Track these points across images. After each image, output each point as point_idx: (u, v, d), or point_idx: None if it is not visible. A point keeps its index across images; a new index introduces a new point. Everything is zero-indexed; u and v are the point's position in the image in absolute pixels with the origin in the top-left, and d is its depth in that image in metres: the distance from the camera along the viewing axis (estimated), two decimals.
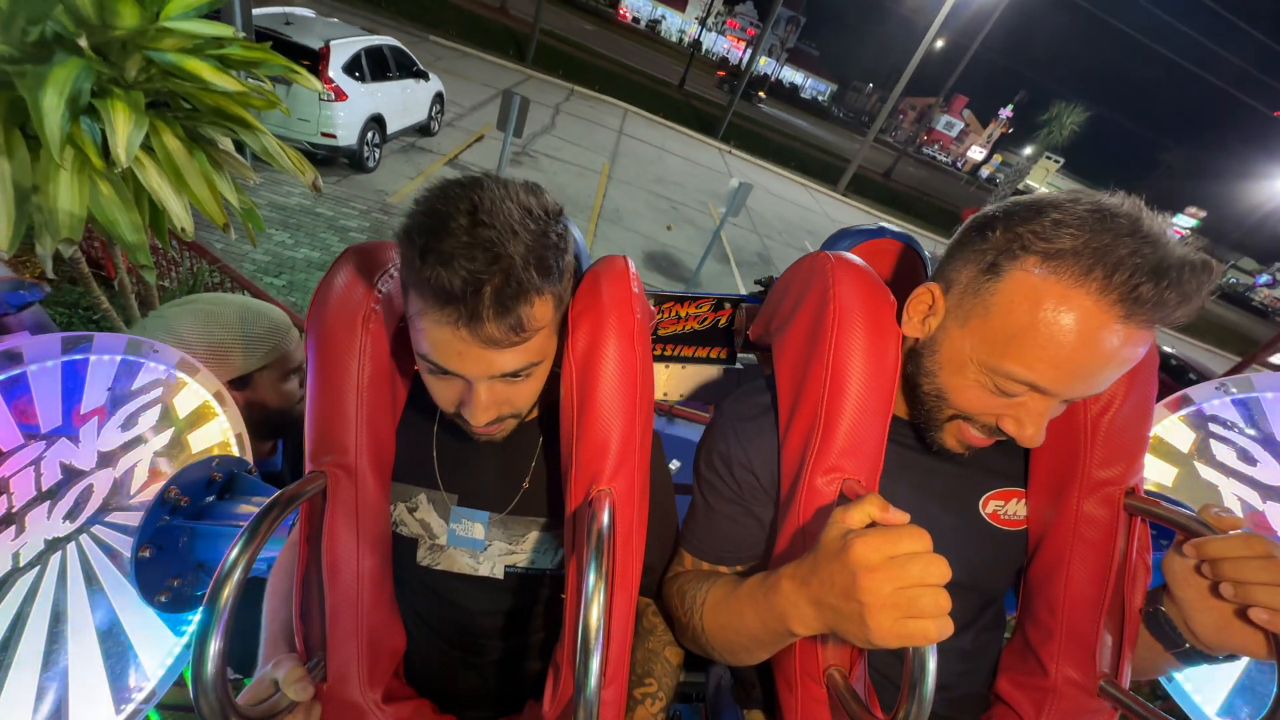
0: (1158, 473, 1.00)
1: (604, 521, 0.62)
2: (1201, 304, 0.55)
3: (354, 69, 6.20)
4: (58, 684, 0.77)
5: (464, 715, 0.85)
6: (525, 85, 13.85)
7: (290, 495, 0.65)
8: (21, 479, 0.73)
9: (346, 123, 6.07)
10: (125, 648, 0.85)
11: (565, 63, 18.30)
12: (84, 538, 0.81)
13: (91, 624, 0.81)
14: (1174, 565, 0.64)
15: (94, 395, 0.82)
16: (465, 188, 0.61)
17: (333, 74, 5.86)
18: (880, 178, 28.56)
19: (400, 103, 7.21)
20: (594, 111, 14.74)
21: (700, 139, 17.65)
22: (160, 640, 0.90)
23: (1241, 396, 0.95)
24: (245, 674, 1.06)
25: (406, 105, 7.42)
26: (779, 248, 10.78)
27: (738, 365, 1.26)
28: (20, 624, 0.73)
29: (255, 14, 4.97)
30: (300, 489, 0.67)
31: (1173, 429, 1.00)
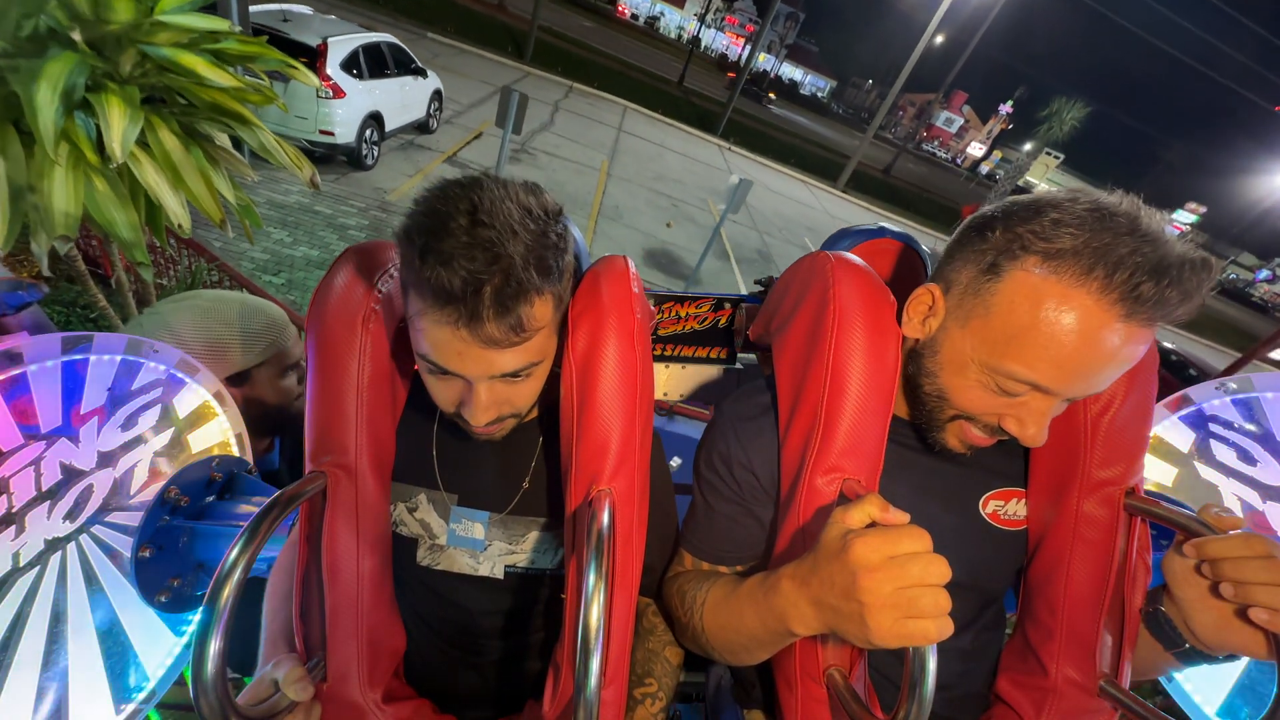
0: (1158, 473, 1.00)
1: (604, 521, 0.62)
2: (1202, 302, 0.55)
3: (352, 66, 6.17)
4: (58, 684, 0.77)
5: (464, 715, 0.85)
6: (524, 82, 13.79)
7: (290, 495, 0.65)
8: (21, 479, 0.73)
9: (345, 120, 6.05)
10: (125, 648, 0.85)
11: (564, 60, 18.26)
12: (84, 538, 0.81)
13: (91, 624, 0.81)
14: (1174, 565, 0.64)
15: (94, 395, 0.82)
16: (465, 188, 0.60)
17: (330, 71, 5.83)
18: (880, 174, 28.57)
19: (398, 100, 7.18)
20: (593, 108, 14.71)
21: (700, 135, 17.62)
22: (160, 640, 0.90)
23: (1241, 396, 0.95)
24: (245, 674, 1.06)
25: (405, 102, 7.39)
26: (779, 244, 10.77)
27: (738, 365, 1.25)
28: (20, 624, 0.74)
29: (252, 10, 4.94)
30: (300, 489, 0.67)
31: (1173, 429, 1.00)
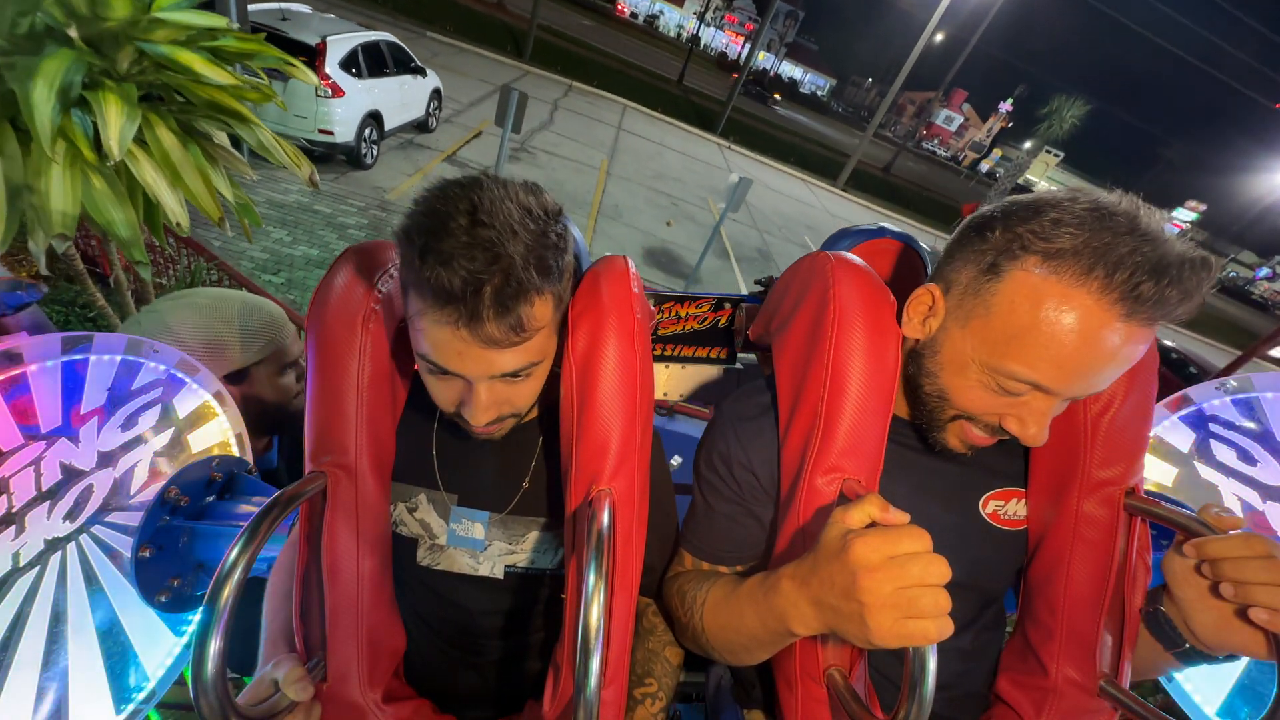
0: (1158, 473, 1.01)
1: (604, 521, 0.62)
2: (1202, 301, 0.55)
3: (351, 65, 6.16)
4: (58, 684, 0.77)
5: (464, 715, 0.85)
6: (523, 81, 13.76)
7: (290, 495, 0.65)
8: (21, 479, 0.73)
9: (344, 119, 6.04)
10: (125, 648, 0.85)
11: (563, 58, 18.24)
12: (84, 538, 0.81)
13: (91, 624, 0.82)
14: (1174, 565, 0.64)
15: (94, 395, 0.82)
16: (465, 188, 0.60)
17: (329, 70, 5.82)
18: (880, 173, 28.56)
19: (398, 99, 7.17)
20: (592, 107, 14.69)
21: (699, 134, 17.61)
22: (160, 640, 0.90)
23: (1241, 396, 0.95)
24: (245, 674, 1.06)
25: (404, 101, 7.38)
26: (779, 243, 10.77)
27: (738, 365, 1.25)
28: (20, 624, 0.74)
29: (251, 9, 4.93)
30: (300, 489, 0.67)
31: (1173, 429, 1.00)
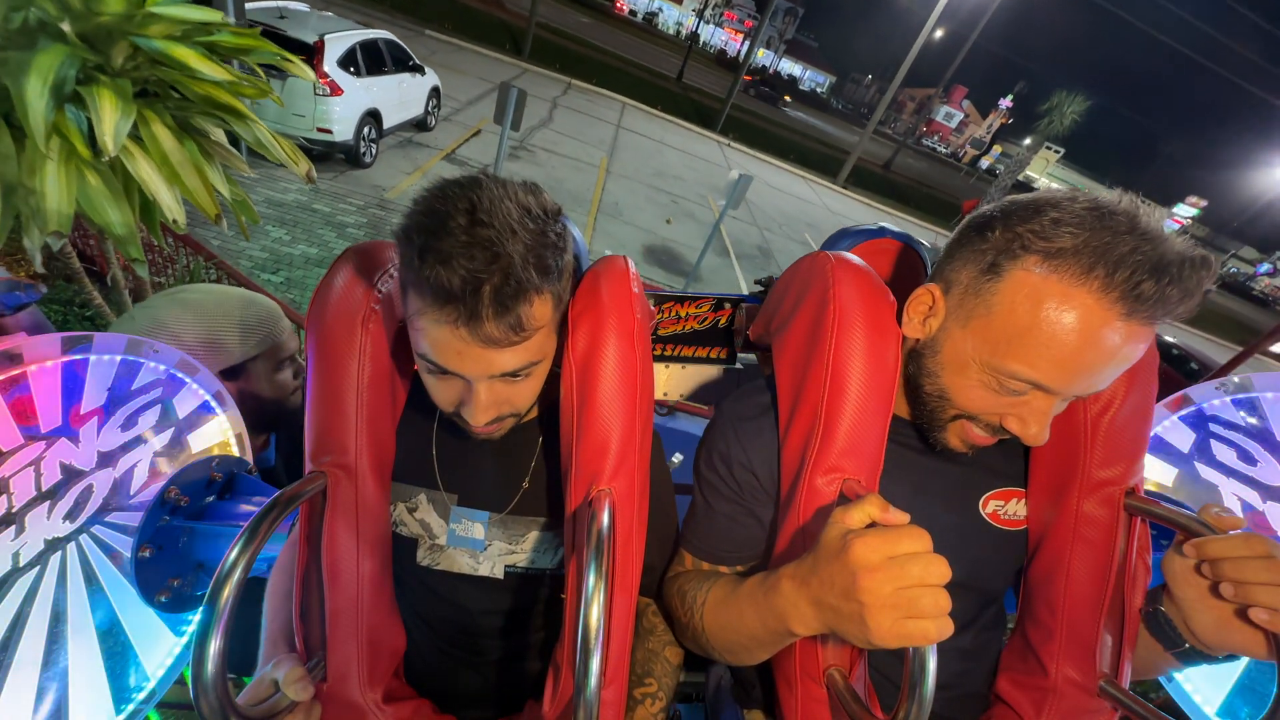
0: (1158, 473, 1.01)
1: (604, 521, 0.62)
2: (1202, 299, 0.55)
3: (349, 63, 6.15)
4: (58, 684, 0.77)
5: (464, 715, 0.85)
6: (522, 79, 13.74)
7: (290, 495, 0.65)
8: (21, 479, 0.73)
9: (342, 118, 6.04)
10: (125, 648, 0.85)
11: (562, 56, 18.19)
12: (84, 538, 0.81)
13: (91, 624, 0.81)
14: (1174, 565, 0.64)
15: (94, 395, 0.82)
16: (464, 187, 0.60)
17: (328, 68, 5.81)
18: (880, 170, 28.50)
19: (396, 97, 7.16)
20: (591, 105, 14.67)
21: (699, 132, 17.58)
22: (160, 640, 0.90)
23: (1241, 396, 0.95)
24: (245, 674, 1.06)
25: (403, 100, 7.37)
26: (779, 240, 10.76)
27: (738, 365, 1.25)
28: (20, 624, 0.73)
29: (249, 7, 4.94)
30: (300, 489, 0.67)
31: (1173, 429, 1.00)
